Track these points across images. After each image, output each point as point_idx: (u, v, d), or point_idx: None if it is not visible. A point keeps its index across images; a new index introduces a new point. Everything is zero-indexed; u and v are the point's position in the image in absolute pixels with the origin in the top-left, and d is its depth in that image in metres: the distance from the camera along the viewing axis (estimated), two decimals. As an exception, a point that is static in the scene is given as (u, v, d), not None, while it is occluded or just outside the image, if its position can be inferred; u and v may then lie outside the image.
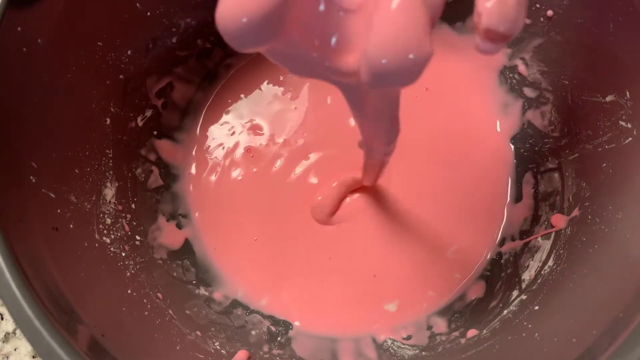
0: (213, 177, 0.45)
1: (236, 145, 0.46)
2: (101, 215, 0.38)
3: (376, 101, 0.28)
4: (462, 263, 0.42)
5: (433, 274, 0.41)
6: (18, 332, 0.41)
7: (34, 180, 0.32)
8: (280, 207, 0.44)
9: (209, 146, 0.46)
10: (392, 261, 0.42)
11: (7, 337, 0.41)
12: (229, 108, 0.47)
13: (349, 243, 0.43)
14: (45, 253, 0.30)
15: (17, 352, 0.41)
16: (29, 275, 0.28)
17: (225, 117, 0.47)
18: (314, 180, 0.44)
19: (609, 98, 0.36)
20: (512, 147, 0.44)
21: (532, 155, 0.42)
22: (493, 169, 0.44)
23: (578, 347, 0.29)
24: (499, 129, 0.44)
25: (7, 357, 0.41)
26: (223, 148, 0.46)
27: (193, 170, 0.46)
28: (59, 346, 0.26)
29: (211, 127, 0.47)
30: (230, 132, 0.46)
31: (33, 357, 0.41)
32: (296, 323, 0.41)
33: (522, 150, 0.43)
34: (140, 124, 0.43)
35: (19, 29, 0.31)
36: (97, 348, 0.30)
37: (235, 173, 0.45)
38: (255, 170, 0.45)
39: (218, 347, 0.38)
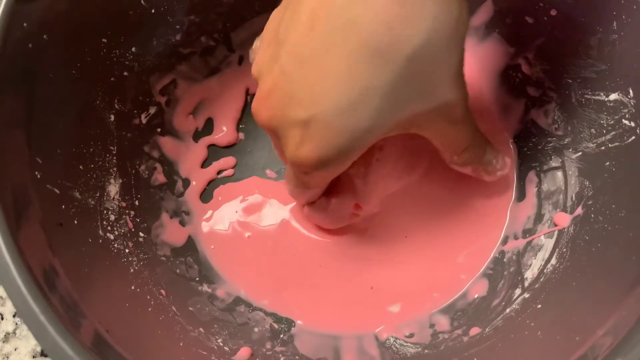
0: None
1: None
2: (105, 212, 0.38)
3: None
4: (468, 265, 0.42)
5: (439, 278, 0.42)
6: (18, 332, 0.41)
7: (39, 176, 0.32)
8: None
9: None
10: (397, 265, 0.42)
11: (7, 337, 0.41)
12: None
13: (349, 248, 0.43)
14: (50, 249, 0.31)
15: (17, 352, 0.41)
16: (34, 271, 0.28)
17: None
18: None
19: (612, 97, 0.36)
20: (515, 146, 0.44)
21: (535, 153, 0.42)
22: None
23: (581, 345, 0.30)
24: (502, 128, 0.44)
25: (7, 357, 0.41)
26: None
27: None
28: (64, 341, 0.26)
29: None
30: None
31: (33, 357, 0.41)
32: (299, 322, 0.41)
33: (525, 149, 0.43)
34: (144, 121, 0.43)
35: (24, 25, 0.32)
36: (102, 343, 0.30)
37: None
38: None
39: (221, 343, 0.38)
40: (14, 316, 0.42)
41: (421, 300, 0.41)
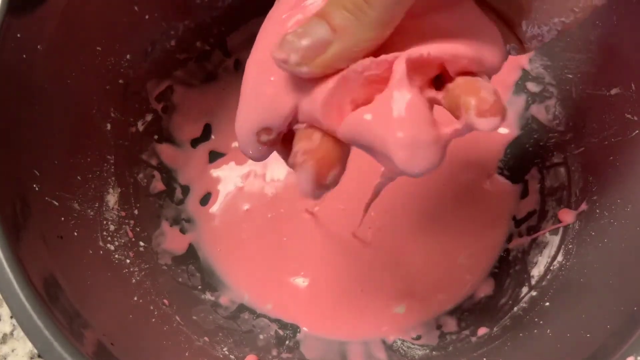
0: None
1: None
2: (105, 222, 0.37)
3: None
4: (472, 266, 0.41)
5: (443, 278, 0.41)
6: (15, 333, 0.41)
7: (37, 189, 0.32)
8: (281, 209, 0.44)
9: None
10: (397, 263, 0.42)
11: (4, 338, 0.41)
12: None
13: (353, 248, 0.43)
14: (52, 262, 0.30)
15: (14, 353, 0.40)
16: (35, 284, 0.28)
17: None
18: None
19: (613, 91, 0.36)
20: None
21: (537, 150, 0.42)
22: (497, 163, 0.43)
23: (592, 342, 0.29)
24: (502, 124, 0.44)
25: (5, 359, 0.40)
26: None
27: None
28: (70, 355, 0.26)
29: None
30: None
31: (31, 358, 0.40)
32: (304, 329, 0.41)
33: (526, 146, 0.43)
34: (140, 128, 0.42)
35: (18, 35, 0.31)
36: (105, 354, 0.29)
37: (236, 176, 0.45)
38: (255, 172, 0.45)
39: (227, 352, 0.38)
40: (11, 317, 0.41)
41: (426, 302, 0.41)
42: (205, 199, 0.45)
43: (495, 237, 0.42)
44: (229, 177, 0.45)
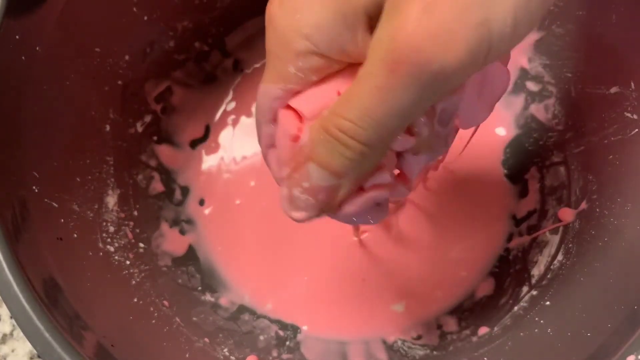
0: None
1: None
2: (104, 224, 0.37)
3: None
4: (468, 261, 0.41)
5: (439, 274, 0.41)
6: (15, 333, 0.41)
7: (36, 190, 0.32)
8: (262, 202, 0.44)
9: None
10: (396, 261, 0.42)
11: (4, 339, 0.41)
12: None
13: (352, 246, 0.43)
14: (52, 264, 0.30)
15: (14, 353, 0.40)
16: (35, 287, 0.28)
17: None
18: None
19: (613, 90, 0.36)
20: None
21: (537, 149, 0.42)
22: (496, 162, 0.43)
23: (593, 341, 0.29)
24: (501, 123, 0.44)
25: (5, 359, 0.40)
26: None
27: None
28: (70, 357, 0.26)
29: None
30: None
31: (30, 358, 0.40)
32: (304, 327, 0.41)
33: (526, 145, 0.43)
34: (139, 129, 0.42)
35: (17, 37, 0.31)
36: (106, 356, 0.29)
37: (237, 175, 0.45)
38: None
39: (227, 353, 0.38)
40: (11, 317, 0.41)
41: (425, 300, 0.41)
42: (204, 200, 0.44)
43: (495, 237, 0.42)
44: (219, 171, 0.45)
